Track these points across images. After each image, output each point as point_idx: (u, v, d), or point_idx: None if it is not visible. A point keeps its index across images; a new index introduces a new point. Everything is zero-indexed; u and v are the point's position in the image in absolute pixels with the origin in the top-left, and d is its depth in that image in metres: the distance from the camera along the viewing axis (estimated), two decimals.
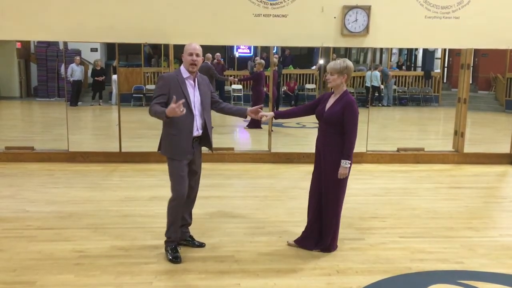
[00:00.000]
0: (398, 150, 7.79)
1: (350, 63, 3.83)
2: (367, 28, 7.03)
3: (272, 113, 4.22)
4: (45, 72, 15.78)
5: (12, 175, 6.41)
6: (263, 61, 10.96)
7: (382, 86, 15.72)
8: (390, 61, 17.67)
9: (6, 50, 15.51)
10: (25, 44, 16.10)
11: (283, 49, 16.34)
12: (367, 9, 6.98)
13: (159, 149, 3.85)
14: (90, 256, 3.85)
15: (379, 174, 6.96)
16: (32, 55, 16.44)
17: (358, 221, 4.85)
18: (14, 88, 16.10)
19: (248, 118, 6.54)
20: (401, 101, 16.35)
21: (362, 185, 6.26)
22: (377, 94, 15.72)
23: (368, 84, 14.90)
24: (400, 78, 16.66)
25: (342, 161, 3.78)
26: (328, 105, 3.87)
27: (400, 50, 18.99)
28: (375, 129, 9.10)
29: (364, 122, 7.99)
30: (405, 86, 16.69)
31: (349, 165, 3.81)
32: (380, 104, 15.74)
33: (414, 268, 3.78)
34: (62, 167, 6.86)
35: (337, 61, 3.82)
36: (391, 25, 7.09)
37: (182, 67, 3.76)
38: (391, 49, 17.73)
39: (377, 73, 15.35)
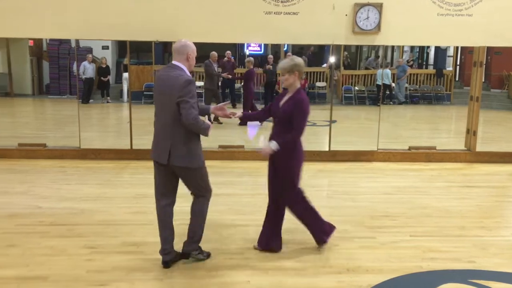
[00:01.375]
0: (410, 148, 7.74)
1: (298, 60, 3.76)
2: (378, 26, 6.99)
3: (240, 113, 3.96)
4: (57, 70, 15.91)
5: (25, 172, 6.48)
6: (252, 59, 11.12)
7: (393, 84, 15.63)
8: (402, 58, 17.54)
9: (19, 48, 15.66)
10: (38, 42, 16.24)
11: (307, 46, 16.38)
12: (378, 7, 6.94)
13: (188, 164, 3.50)
14: (102, 252, 3.89)
15: (390, 172, 6.93)
16: (44, 53, 16.58)
17: (368, 219, 4.83)
18: (26, 86, 16.25)
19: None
20: (412, 99, 16.24)
21: (372, 184, 6.24)
22: (388, 92, 15.63)
23: (379, 82, 14.82)
24: (412, 76, 16.54)
25: (273, 141, 3.69)
26: (281, 103, 3.82)
27: (412, 47, 18.86)
28: (386, 127, 9.06)
29: (375, 120, 7.97)
30: (416, 84, 16.58)
31: (275, 148, 3.70)
32: (391, 102, 15.65)
33: (425, 267, 3.76)
34: (74, 164, 6.93)
35: (285, 60, 3.76)
36: (403, 22, 7.03)
37: (185, 68, 3.52)
38: (403, 46, 17.61)
39: (388, 71, 15.26)
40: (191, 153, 3.48)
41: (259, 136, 10.12)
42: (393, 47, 17.83)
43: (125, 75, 14.21)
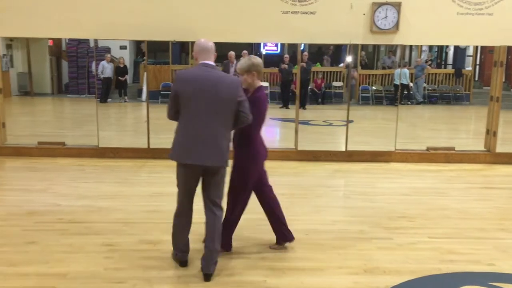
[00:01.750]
0: (428, 149, 7.65)
1: (256, 60, 3.68)
2: (397, 25, 6.92)
3: None
4: (76, 69, 16.13)
5: (44, 170, 6.58)
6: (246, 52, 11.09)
7: (411, 84, 15.47)
8: (420, 58, 17.36)
9: (39, 48, 15.92)
10: (57, 41, 16.49)
11: (326, 46, 16.32)
12: (397, 6, 6.87)
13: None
14: (119, 250, 3.92)
15: (408, 173, 6.86)
16: (63, 53, 16.82)
17: (386, 220, 4.79)
18: (46, 85, 16.51)
19: None
20: (430, 99, 16.05)
21: (390, 184, 6.18)
22: (406, 92, 15.48)
23: (397, 82, 14.69)
24: (430, 75, 16.35)
25: None
26: None
27: (430, 47, 18.64)
28: (404, 127, 8.97)
29: (392, 120, 7.90)
30: (435, 84, 16.38)
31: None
32: (409, 102, 15.50)
33: (444, 269, 3.71)
34: (92, 163, 7.01)
35: (243, 59, 3.71)
36: (422, 22, 6.95)
37: None
38: (421, 46, 17.42)
39: (406, 71, 15.11)
40: (228, 152, 3.47)
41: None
42: (411, 46, 17.65)
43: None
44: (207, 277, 3.44)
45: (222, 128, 3.38)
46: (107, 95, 14.67)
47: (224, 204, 3.63)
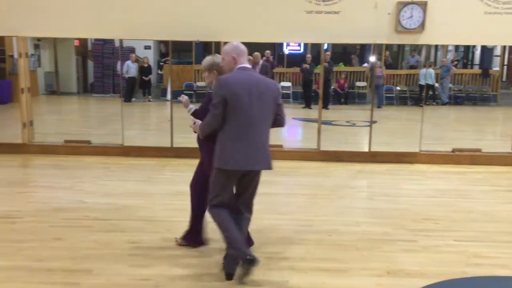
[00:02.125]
0: (453, 150, 7.52)
1: (218, 59, 3.64)
2: (422, 25, 6.83)
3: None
4: (101, 69, 16.36)
5: (70, 168, 6.70)
6: (251, 57, 10.95)
7: (436, 84, 15.22)
8: (446, 58, 17.06)
9: (65, 48, 16.22)
10: (83, 41, 16.76)
11: (351, 46, 16.24)
12: (423, 5, 6.78)
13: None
14: (144, 247, 3.97)
15: (433, 175, 6.76)
16: (89, 52, 17.09)
17: (410, 222, 4.73)
18: (72, 84, 16.80)
19: None
20: (456, 100, 15.76)
21: (414, 186, 6.11)
22: (431, 93, 15.23)
23: (422, 82, 14.46)
24: (456, 76, 16.05)
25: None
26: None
27: (457, 47, 18.30)
28: (429, 128, 8.81)
29: (417, 121, 7.79)
30: (461, 85, 16.07)
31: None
32: (434, 103, 15.25)
33: (470, 273, 3.64)
34: (117, 161, 7.11)
35: (207, 57, 3.71)
36: (448, 21, 6.84)
37: None
38: (447, 46, 17.11)
39: (432, 71, 14.86)
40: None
41: None
42: (436, 46, 17.36)
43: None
44: (230, 276, 3.44)
45: (267, 131, 3.41)
46: (132, 95, 14.85)
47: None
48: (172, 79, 11.05)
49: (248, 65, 3.44)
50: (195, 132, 3.67)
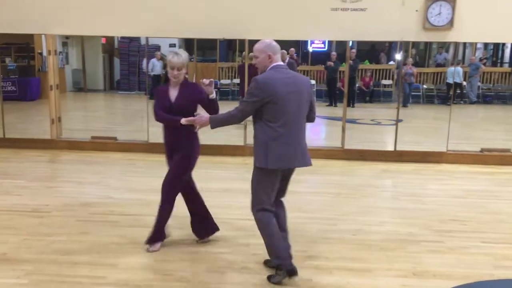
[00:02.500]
0: (482, 150, 7.36)
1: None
2: (451, 22, 6.70)
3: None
4: (127, 67, 16.59)
5: (97, 163, 6.81)
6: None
7: (464, 83, 14.91)
8: (474, 56, 16.68)
9: (92, 46, 16.50)
10: (110, 39, 17.02)
11: (380, 43, 16.07)
12: (452, 2, 6.65)
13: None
14: (168, 243, 4.01)
15: (460, 175, 6.62)
16: (115, 50, 17.34)
17: (436, 223, 4.65)
18: (98, 81, 17.09)
19: None
20: (485, 98, 15.40)
21: (441, 186, 6.00)
22: (459, 91, 14.93)
23: (450, 80, 14.19)
24: (485, 74, 15.69)
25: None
26: (172, 97, 3.76)
27: (486, 44, 17.87)
28: (457, 127, 8.65)
29: (444, 120, 7.65)
30: (490, 83, 15.70)
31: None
32: (462, 102, 14.95)
33: (497, 275, 3.56)
34: (142, 157, 7.19)
35: (183, 55, 3.72)
36: (478, 18, 6.69)
37: None
38: (476, 43, 16.74)
39: (460, 69, 14.56)
40: None
41: None
42: (465, 43, 16.99)
43: None
44: (293, 272, 3.36)
45: (304, 127, 3.42)
46: None
47: None
48: (196, 77, 11.11)
49: (282, 63, 3.40)
50: (193, 126, 3.63)
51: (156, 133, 8.02)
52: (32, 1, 7.19)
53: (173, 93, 3.80)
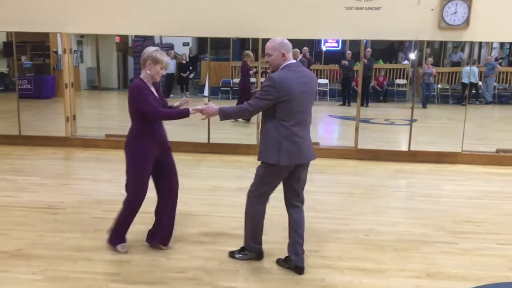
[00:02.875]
0: (497, 151, 7.26)
1: (147, 50, 3.71)
2: (467, 21, 6.62)
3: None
4: (141, 65, 16.67)
5: (111, 161, 6.86)
6: (248, 52, 10.64)
7: (480, 83, 14.73)
8: (490, 55, 16.46)
9: (107, 44, 16.61)
10: (124, 38, 17.13)
11: (398, 42, 15.96)
12: (468, 1, 6.57)
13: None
14: (180, 241, 4.03)
15: (475, 176, 6.55)
16: (129, 49, 17.45)
17: (450, 224, 4.60)
18: (112, 80, 17.21)
19: None
20: (501, 99, 15.19)
21: (455, 187, 5.94)
22: (475, 91, 14.75)
23: (465, 80, 14.03)
24: (501, 74, 15.48)
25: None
26: (155, 94, 3.76)
27: (502, 44, 17.62)
28: (472, 128, 8.56)
29: (459, 120, 7.57)
30: (506, 83, 15.48)
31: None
32: (477, 102, 14.77)
33: None
34: None
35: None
36: (495, 17, 6.61)
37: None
38: (492, 43, 16.53)
39: (475, 69, 14.39)
40: None
41: None
42: (481, 43, 16.79)
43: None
44: (301, 270, 3.49)
45: (310, 123, 3.51)
46: (170, 91, 15.07)
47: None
48: (209, 76, 11.14)
49: (295, 61, 3.42)
50: (203, 114, 3.62)
51: (169, 131, 8.11)
52: (48, 1, 7.27)
53: (153, 90, 3.77)
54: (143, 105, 3.60)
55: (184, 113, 3.67)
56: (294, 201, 3.56)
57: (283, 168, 3.38)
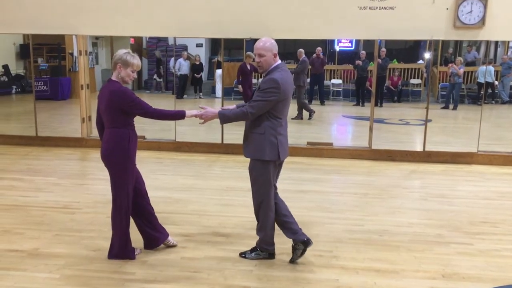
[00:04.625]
0: None
1: (118, 52, 3.61)
2: (483, 20, 6.55)
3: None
4: (155, 67, 16.79)
5: None
6: (250, 53, 10.60)
7: (496, 82, 14.54)
8: (507, 54, 16.24)
9: (121, 46, 16.58)
10: (138, 40, 17.25)
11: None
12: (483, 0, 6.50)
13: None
14: (195, 240, 4.06)
15: (491, 176, 6.47)
16: (143, 50, 17.58)
17: (466, 225, 4.56)
18: None
19: None
20: None
21: (471, 187, 5.88)
22: (491, 91, 14.56)
23: (481, 80, 13.86)
24: None
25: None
26: None
27: None
28: (488, 128, 8.45)
29: (475, 120, 7.49)
30: None
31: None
32: (493, 102, 14.58)
33: None
34: (169, 156, 7.29)
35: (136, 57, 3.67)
36: (511, 16, 6.52)
37: None
38: (508, 42, 16.31)
39: (491, 68, 14.20)
40: None
41: None
42: (497, 42, 16.58)
43: (218, 72, 14.67)
44: (309, 242, 3.63)
45: None
46: (183, 92, 15.15)
47: None
48: (223, 77, 11.18)
49: (282, 62, 3.58)
50: (201, 119, 3.58)
51: (183, 132, 8.16)
52: (64, 3, 7.37)
53: None
54: (136, 106, 3.59)
55: (180, 115, 3.66)
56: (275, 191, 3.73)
57: (277, 163, 3.57)
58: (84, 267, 3.54)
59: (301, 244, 3.60)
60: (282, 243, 3.91)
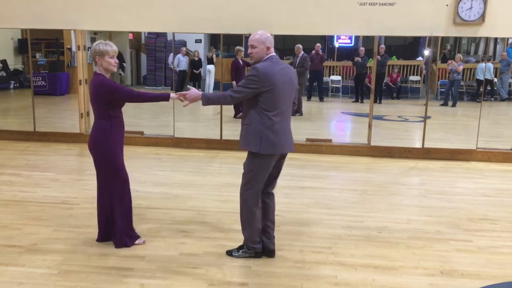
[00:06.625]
0: None
1: (92, 47, 3.63)
2: (482, 16, 6.54)
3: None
4: (154, 62, 16.75)
5: (124, 157, 6.88)
6: (239, 48, 10.56)
7: (495, 79, 14.54)
8: (506, 51, 16.23)
9: (120, 41, 16.67)
10: (137, 35, 17.20)
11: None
12: None
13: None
14: (194, 236, 4.04)
15: (490, 173, 6.47)
16: (142, 46, 17.53)
17: (465, 222, 4.56)
18: (126, 77, 17.31)
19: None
20: None
21: (470, 184, 5.88)
22: (490, 88, 14.56)
23: (480, 77, 13.85)
24: None
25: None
26: None
27: None
28: (487, 125, 8.46)
29: (474, 117, 7.48)
30: None
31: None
32: (492, 99, 14.58)
33: None
34: (168, 152, 7.27)
35: (108, 43, 3.66)
36: (510, 12, 6.51)
37: None
38: (507, 39, 16.30)
39: (491, 65, 14.20)
40: None
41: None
42: (496, 39, 16.57)
43: (208, 67, 14.75)
44: (273, 253, 3.66)
45: (291, 115, 3.62)
46: (182, 88, 15.11)
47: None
48: (221, 72, 11.15)
49: (275, 55, 3.53)
50: (186, 98, 3.56)
51: (182, 128, 8.15)
52: None
53: None
54: (118, 92, 3.62)
55: (164, 97, 3.70)
56: (269, 189, 3.67)
57: (267, 159, 3.45)
58: (83, 263, 3.53)
59: (267, 251, 3.65)
60: (281, 240, 3.91)
